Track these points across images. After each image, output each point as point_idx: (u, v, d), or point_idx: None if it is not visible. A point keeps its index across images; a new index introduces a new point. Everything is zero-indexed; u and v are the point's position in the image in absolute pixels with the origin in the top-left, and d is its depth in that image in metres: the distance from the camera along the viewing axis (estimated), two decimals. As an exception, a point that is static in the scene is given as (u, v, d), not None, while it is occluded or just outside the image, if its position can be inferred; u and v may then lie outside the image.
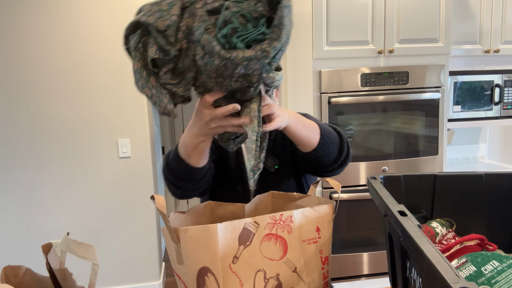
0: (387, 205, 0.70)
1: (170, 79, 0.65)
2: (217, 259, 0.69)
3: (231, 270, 0.70)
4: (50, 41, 2.34)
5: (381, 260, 2.30)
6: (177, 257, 0.70)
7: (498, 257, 0.68)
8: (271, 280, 0.74)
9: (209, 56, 0.59)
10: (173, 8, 0.61)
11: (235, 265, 0.70)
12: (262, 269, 0.73)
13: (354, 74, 2.12)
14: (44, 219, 2.46)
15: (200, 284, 0.69)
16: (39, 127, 2.39)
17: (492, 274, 0.67)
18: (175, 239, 0.69)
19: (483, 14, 2.42)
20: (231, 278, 0.70)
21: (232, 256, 0.70)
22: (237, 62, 0.58)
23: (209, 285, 0.69)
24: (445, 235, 0.87)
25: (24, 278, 0.69)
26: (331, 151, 0.92)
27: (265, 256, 0.73)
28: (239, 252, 0.71)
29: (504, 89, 2.45)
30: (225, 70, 0.60)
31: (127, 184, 2.53)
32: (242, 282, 0.71)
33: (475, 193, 0.92)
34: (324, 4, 2.04)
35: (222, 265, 0.69)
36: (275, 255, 0.74)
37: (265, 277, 0.73)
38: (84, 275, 2.87)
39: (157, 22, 0.60)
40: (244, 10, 0.60)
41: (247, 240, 0.71)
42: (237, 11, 0.60)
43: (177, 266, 0.72)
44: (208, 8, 0.60)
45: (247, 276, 0.71)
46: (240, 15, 0.60)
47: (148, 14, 0.61)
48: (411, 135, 2.24)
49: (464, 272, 0.69)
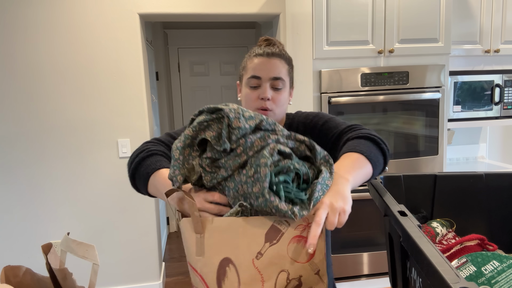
0: (387, 205, 0.70)
1: (206, 165, 0.73)
2: (239, 252, 0.69)
3: (253, 265, 0.70)
4: (50, 42, 2.34)
5: (381, 260, 2.30)
6: (198, 249, 0.70)
7: (498, 257, 0.68)
8: (293, 281, 0.73)
9: (253, 181, 0.68)
10: (251, 120, 0.72)
11: (258, 261, 0.70)
12: (286, 270, 0.71)
13: (354, 74, 2.12)
14: (44, 219, 2.46)
15: (220, 275, 0.70)
16: (39, 127, 2.39)
17: (492, 274, 0.67)
18: (199, 229, 0.69)
19: (483, 14, 2.42)
20: (252, 273, 0.70)
21: (256, 252, 0.70)
22: (268, 205, 0.67)
23: (229, 276, 0.69)
24: (445, 235, 0.87)
25: (24, 278, 0.69)
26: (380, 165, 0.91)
27: (291, 257, 0.71)
28: (264, 249, 0.70)
29: (504, 89, 2.45)
30: (254, 200, 0.69)
31: (127, 184, 2.53)
32: (263, 279, 0.70)
33: (475, 193, 0.92)
34: (324, 4, 2.04)
35: (245, 259, 0.69)
36: (301, 258, 0.71)
37: (288, 278, 0.72)
38: (84, 275, 2.87)
39: (234, 119, 0.70)
40: (301, 172, 0.72)
41: (274, 238, 0.70)
42: (297, 168, 0.71)
43: (195, 258, 0.71)
44: (280, 148, 0.71)
45: (269, 274, 0.70)
46: (297, 173, 0.72)
47: (231, 110, 0.71)
48: (411, 135, 2.24)
49: (464, 272, 0.69)
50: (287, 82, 1.05)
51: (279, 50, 1.05)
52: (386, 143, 0.94)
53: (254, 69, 1.02)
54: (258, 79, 1.02)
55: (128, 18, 2.40)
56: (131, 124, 2.49)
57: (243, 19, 2.72)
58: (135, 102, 2.48)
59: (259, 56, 1.03)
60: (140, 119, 2.50)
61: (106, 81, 2.43)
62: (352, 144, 0.90)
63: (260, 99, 1.02)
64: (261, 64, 1.02)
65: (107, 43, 2.39)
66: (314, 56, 2.08)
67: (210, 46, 4.26)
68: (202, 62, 4.29)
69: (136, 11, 2.41)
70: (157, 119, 3.50)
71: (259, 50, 1.04)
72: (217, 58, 4.31)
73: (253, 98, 1.03)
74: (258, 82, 1.02)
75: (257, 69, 1.02)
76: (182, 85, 4.28)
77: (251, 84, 1.03)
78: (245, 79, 1.06)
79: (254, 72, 1.02)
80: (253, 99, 1.03)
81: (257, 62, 1.02)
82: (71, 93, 2.40)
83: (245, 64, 1.07)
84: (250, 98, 1.03)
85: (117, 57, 2.42)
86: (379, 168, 0.89)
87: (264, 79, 1.02)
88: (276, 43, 1.08)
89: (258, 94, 1.02)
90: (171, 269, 3.10)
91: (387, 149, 0.92)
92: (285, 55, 1.05)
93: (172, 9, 2.47)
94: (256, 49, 1.06)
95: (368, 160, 0.85)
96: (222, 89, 4.37)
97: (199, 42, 4.22)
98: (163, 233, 3.53)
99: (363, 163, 0.84)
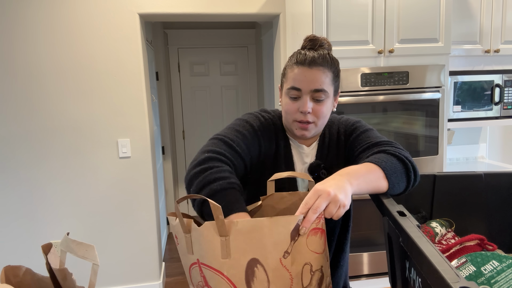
0: (386, 206, 0.70)
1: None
2: (266, 252, 0.70)
3: (281, 264, 0.71)
4: (50, 42, 2.34)
5: (381, 260, 2.30)
6: (223, 251, 0.71)
7: (498, 257, 0.68)
8: (316, 273, 0.76)
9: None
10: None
11: (285, 260, 0.72)
12: (309, 263, 0.74)
13: (354, 74, 2.12)
14: (44, 219, 2.46)
15: (249, 275, 0.71)
16: (39, 127, 2.39)
17: (491, 274, 0.67)
18: (225, 232, 0.70)
19: (483, 14, 2.42)
20: (281, 272, 0.71)
21: (283, 251, 0.71)
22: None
23: (258, 276, 0.71)
24: (444, 235, 0.87)
25: (24, 278, 0.69)
26: (400, 187, 0.88)
27: (311, 249, 0.74)
28: (291, 247, 0.72)
29: (504, 89, 2.45)
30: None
31: (127, 184, 2.53)
32: (292, 276, 0.72)
33: (475, 193, 0.92)
34: (324, 4, 2.04)
35: (272, 259, 0.71)
36: (319, 248, 0.75)
37: (311, 270, 0.75)
38: (84, 275, 2.87)
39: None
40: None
41: (295, 235, 0.72)
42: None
43: (220, 261, 0.72)
44: None
45: (296, 270, 0.73)
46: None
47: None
48: (411, 135, 2.24)
49: (464, 272, 0.69)
50: (330, 92, 0.98)
51: (323, 56, 0.96)
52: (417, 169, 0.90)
53: (294, 79, 0.96)
54: (298, 90, 0.96)
55: (128, 18, 2.40)
56: (131, 124, 2.49)
57: (243, 19, 2.72)
58: (135, 102, 2.48)
59: (300, 66, 0.96)
60: (140, 119, 2.50)
61: (106, 81, 2.43)
62: (380, 157, 0.88)
63: (300, 112, 0.97)
64: (301, 75, 0.95)
65: (107, 43, 2.40)
66: (314, 56, 2.08)
67: (210, 46, 4.26)
68: (202, 62, 4.29)
69: (136, 11, 2.41)
70: (157, 119, 3.50)
71: (301, 56, 0.97)
72: (217, 58, 4.31)
73: (293, 110, 0.98)
74: (298, 94, 0.97)
75: (297, 80, 0.96)
76: (182, 85, 4.28)
77: (291, 95, 0.98)
78: (285, 88, 1.00)
79: (294, 83, 0.96)
80: (293, 111, 0.98)
81: (298, 72, 0.96)
82: (71, 93, 2.40)
83: (286, 71, 1.00)
84: (290, 110, 0.99)
85: (117, 57, 2.42)
86: (395, 190, 0.86)
87: (304, 91, 0.96)
88: (323, 44, 0.99)
89: (298, 106, 0.97)
90: (171, 269, 3.10)
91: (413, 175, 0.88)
92: (329, 61, 0.97)
93: (172, 9, 2.47)
94: (298, 54, 0.98)
95: (386, 180, 0.83)
96: (222, 89, 4.37)
97: (199, 42, 4.22)
98: (163, 233, 3.53)
99: (378, 179, 0.83)
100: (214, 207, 0.69)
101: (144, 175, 2.55)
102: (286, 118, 1.02)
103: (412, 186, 0.90)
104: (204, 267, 0.75)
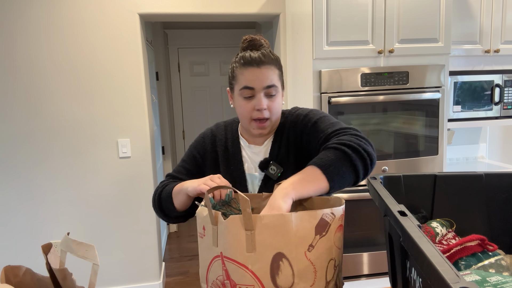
0: (387, 205, 0.70)
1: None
2: (291, 246, 0.72)
3: (306, 257, 0.73)
4: (50, 42, 2.34)
5: (381, 260, 2.30)
6: (248, 245, 0.72)
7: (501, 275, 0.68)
8: (338, 267, 0.80)
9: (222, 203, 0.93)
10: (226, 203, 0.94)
11: (310, 253, 0.74)
12: (334, 258, 0.77)
13: (354, 74, 2.12)
14: (44, 218, 2.46)
15: (274, 269, 0.72)
16: (39, 127, 2.39)
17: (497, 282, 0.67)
18: (250, 226, 0.72)
19: (483, 14, 2.42)
20: (305, 265, 0.73)
21: (308, 245, 0.73)
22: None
23: (283, 270, 0.72)
24: (445, 235, 0.87)
25: (24, 278, 0.69)
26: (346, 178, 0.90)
27: (337, 246, 0.78)
28: (315, 241, 0.74)
29: (504, 89, 2.45)
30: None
31: (127, 184, 2.53)
32: (316, 269, 0.74)
33: (475, 193, 0.92)
34: (324, 4, 2.04)
35: (297, 252, 0.73)
36: (341, 244, 0.79)
37: (335, 265, 0.78)
38: (84, 275, 2.88)
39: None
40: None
41: (323, 230, 0.75)
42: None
43: (245, 255, 0.73)
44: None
45: (321, 265, 0.75)
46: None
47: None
48: (411, 135, 2.24)
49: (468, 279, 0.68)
50: (279, 86, 1.04)
51: (267, 55, 1.01)
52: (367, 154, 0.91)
53: (247, 80, 1.00)
54: (251, 89, 1.01)
55: (128, 18, 2.40)
56: (131, 124, 2.49)
57: (243, 19, 2.72)
58: (135, 102, 2.48)
59: (249, 67, 1.00)
60: (140, 119, 2.50)
61: (106, 81, 2.43)
62: (319, 156, 0.91)
63: (256, 110, 1.01)
64: (252, 74, 1.00)
65: (107, 43, 2.39)
66: (314, 56, 2.08)
67: (210, 46, 4.26)
68: (202, 62, 4.29)
69: (136, 11, 2.41)
70: (157, 119, 3.50)
71: (248, 57, 1.01)
72: (217, 58, 4.31)
73: (248, 109, 1.03)
74: (252, 93, 1.01)
75: (249, 80, 1.00)
76: (182, 85, 4.28)
77: (245, 95, 1.02)
78: (237, 89, 1.04)
79: (247, 83, 1.00)
80: (249, 110, 1.03)
81: (248, 73, 1.00)
82: (71, 93, 2.40)
83: (235, 74, 1.04)
84: (245, 109, 1.03)
85: (117, 57, 2.42)
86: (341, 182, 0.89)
87: (257, 90, 1.00)
88: (262, 43, 1.04)
89: (253, 105, 1.02)
90: (171, 269, 3.10)
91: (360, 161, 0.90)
92: (273, 58, 1.03)
93: (172, 9, 2.47)
94: (244, 56, 1.02)
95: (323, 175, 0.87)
96: (222, 89, 4.37)
97: (199, 42, 4.22)
98: (163, 233, 3.53)
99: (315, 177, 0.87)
100: (243, 199, 0.71)
101: (144, 175, 2.55)
102: (243, 119, 1.06)
103: (366, 171, 0.92)
104: (227, 261, 0.76)
